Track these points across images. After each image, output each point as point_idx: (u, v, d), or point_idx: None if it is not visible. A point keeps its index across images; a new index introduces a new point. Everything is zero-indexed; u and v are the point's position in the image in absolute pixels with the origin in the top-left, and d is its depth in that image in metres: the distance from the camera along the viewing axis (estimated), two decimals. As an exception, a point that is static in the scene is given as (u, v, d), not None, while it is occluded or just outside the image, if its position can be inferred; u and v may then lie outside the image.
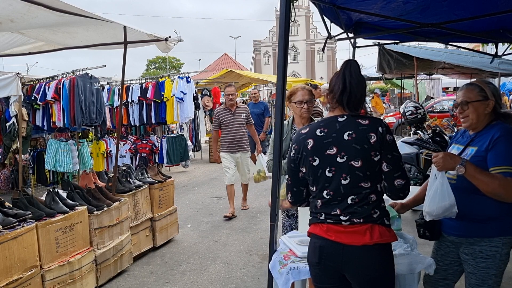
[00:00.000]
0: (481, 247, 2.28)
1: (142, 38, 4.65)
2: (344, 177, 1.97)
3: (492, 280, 2.28)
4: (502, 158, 2.18)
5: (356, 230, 1.95)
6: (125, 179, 4.85)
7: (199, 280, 4.21)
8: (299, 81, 16.00)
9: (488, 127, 2.32)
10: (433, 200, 2.19)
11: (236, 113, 6.45)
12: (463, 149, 2.38)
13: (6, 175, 6.81)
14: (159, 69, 49.75)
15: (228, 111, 6.45)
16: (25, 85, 6.27)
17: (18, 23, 3.90)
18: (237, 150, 6.46)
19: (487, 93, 2.32)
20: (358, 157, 1.95)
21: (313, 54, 61.30)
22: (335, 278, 2.04)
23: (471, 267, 2.32)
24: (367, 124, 1.98)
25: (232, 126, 6.42)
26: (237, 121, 6.44)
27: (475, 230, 2.29)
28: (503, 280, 3.91)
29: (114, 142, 7.31)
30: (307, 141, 2.06)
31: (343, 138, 1.98)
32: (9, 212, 3.31)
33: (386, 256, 1.99)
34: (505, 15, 3.71)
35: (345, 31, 4.31)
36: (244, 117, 6.51)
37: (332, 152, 1.99)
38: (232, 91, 6.52)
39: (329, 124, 2.05)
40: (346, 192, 1.98)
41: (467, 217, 2.29)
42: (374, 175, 1.98)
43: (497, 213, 2.25)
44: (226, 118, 6.42)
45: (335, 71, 2.30)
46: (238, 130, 6.45)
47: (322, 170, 2.02)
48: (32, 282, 3.27)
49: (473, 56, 8.39)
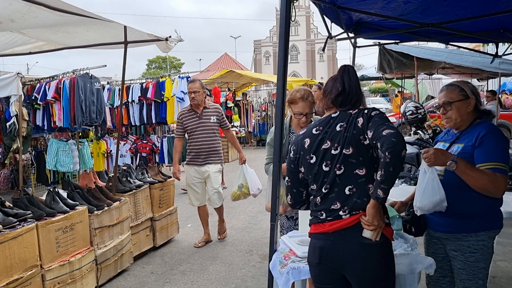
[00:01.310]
0: (469, 242, 2.33)
1: (142, 38, 4.65)
2: (339, 167, 1.99)
3: (482, 273, 2.34)
4: (490, 155, 2.24)
5: (355, 219, 1.95)
6: (125, 178, 4.85)
7: (199, 280, 4.21)
8: (299, 81, 16.02)
9: (473, 125, 2.39)
10: (424, 195, 2.22)
11: (204, 115, 5.07)
12: (449, 146, 2.44)
13: (6, 174, 6.82)
14: (159, 69, 49.76)
15: (193, 113, 5.07)
16: (25, 84, 6.27)
17: (19, 23, 3.90)
18: (203, 162, 5.07)
19: (467, 92, 2.40)
20: (349, 144, 1.97)
21: (313, 54, 61.27)
22: (335, 279, 2.04)
23: (461, 262, 2.36)
24: (356, 112, 2.03)
25: (198, 133, 5.03)
26: (204, 126, 5.04)
27: (462, 225, 2.35)
28: (503, 280, 3.91)
29: (114, 142, 7.32)
30: (304, 141, 2.13)
31: (335, 130, 2.03)
32: (10, 211, 3.31)
33: (386, 256, 1.99)
34: (505, 15, 3.72)
35: (345, 31, 4.32)
36: (215, 121, 5.11)
37: (326, 146, 2.04)
38: (196, 88, 5.00)
39: (324, 122, 2.12)
40: (342, 182, 1.99)
41: (454, 213, 2.33)
42: (368, 161, 1.97)
43: (483, 208, 2.31)
44: (191, 122, 5.06)
45: (336, 71, 2.32)
46: (206, 137, 5.03)
47: (319, 166, 2.05)
48: (32, 282, 3.27)
49: (474, 56, 8.39)
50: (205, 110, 5.09)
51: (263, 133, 16.30)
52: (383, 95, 32.69)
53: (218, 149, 5.15)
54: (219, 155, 5.18)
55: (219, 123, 5.17)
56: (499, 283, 3.85)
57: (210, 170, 5.06)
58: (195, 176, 5.11)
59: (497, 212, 2.39)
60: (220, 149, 5.20)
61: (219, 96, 13.29)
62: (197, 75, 17.34)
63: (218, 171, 5.17)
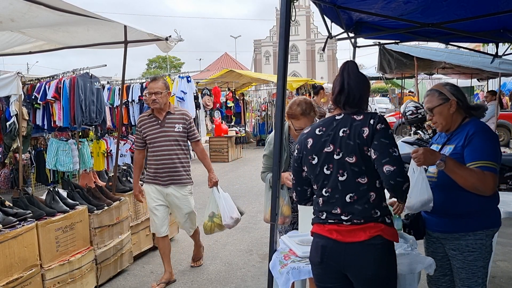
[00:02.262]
0: (467, 241, 2.35)
1: (142, 38, 4.66)
2: (341, 174, 1.99)
3: (481, 272, 2.36)
4: (479, 153, 2.26)
5: (358, 228, 1.96)
6: (125, 178, 4.85)
7: (199, 279, 4.21)
8: (299, 81, 16.01)
9: (462, 125, 2.41)
10: (413, 195, 2.25)
11: (167, 123, 4.02)
12: (441, 148, 2.47)
13: (5, 174, 6.81)
14: (159, 68, 49.77)
15: (154, 120, 4.04)
16: (25, 84, 6.26)
17: (19, 22, 3.90)
18: (167, 182, 4.03)
19: (446, 95, 2.42)
20: (352, 152, 1.97)
21: (313, 54, 61.28)
22: (337, 278, 2.04)
23: (460, 262, 2.39)
24: (360, 119, 2.00)
25: (158, 144, 4.00)
26: (167, 136, 3.99)
27: (459, 225, 2.37)
28: (503, 280, 3.91)
29: (114, 141, 7.31)
30: (307, 140, 2.12)
31: (338, 135, 2.01)
32: (10, 211, 3.31)
33: (388, 255, 1.99)
34: (505, 15, 3.71)
35: (345, 31, 4.31)
36: (181, 130, 4.04)
37: (329, 149, 2.03)
38: (158, 88, 3.94)
39: (327, 123, 2.10)
40: (344, 189, 1.99)
41: (450, 213, 2.37)
42: (371, 170, 1.97)
43: (478, 207, 2.33)
44: (151, 130, 4.02)
45: (336, 71, 2.33)
46: (169, 150, 3.99)
47: (320, 168, 2.05)
48: (32, 281, 3.27)
49: (474, 56, 8.39)
50: (168, 116, 4.02)
51: (263, 133, 16.31)
52: (383, 95, 32.77)
53: (183, 165, 4.06)
54: (186, 174, 4.10)
55: (186, 133, 4.08)
56: (499, 283, 3.85)
57: (176, 194, 4.06)
58: (156, 198, 4.07)
59: (493, 210, 2.41)
60: (188, 165, 4.12)
61: (219, 95, 13.29)
62: (197, 75, 17.37)
63: (188, 194, 4.15)
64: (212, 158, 12.63)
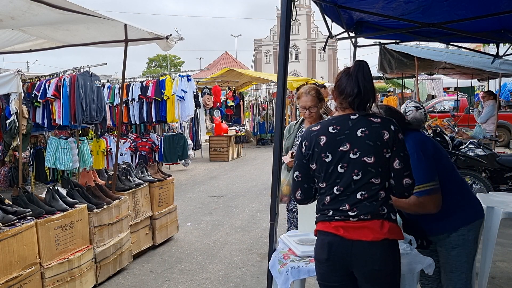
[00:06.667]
0: (450, 238, 2.50)
1: (142, 36, 4.65)
2: (356, 173, 2.00)
3: (464, 267, 2.49)
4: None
5: (365, 225, 1.97)
6: (125, 177, 4.85)
7: (198, 278, 4.21)
8: (300, 80, 16.00)
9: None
10: None
11: None
12: None
13: (5, 172, 6.81)
14: (159, 67, 49.74)
15: None
16: (25, 82, 6.26)
17: (19, 20, 3.89)
18: None
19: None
20: (371, 153, 1.98)
21: (314, 53, 61.23)
22: (343, 275, 2.04)
23: (444, 257, 2.54)
24: (379, 122, 2.03)
25: None
26: None
27: (442, 226, 2.51)
28: (502, 281, 3.91)
29: (114, 140, 7.32)
30: (319, 138, 2.08)
31: (356, 135, 2.01)
32: (9, 209, 3.31)
33: (394, 252, 2.01)
34: (506, 16, 3.72)
35: (346, 31, 4.32)
36: None
37: (345, 148, 2.02)
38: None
39: (342, 121, 2.08)
40: (357, 188, 2.00)
41: (430, 219, 2.48)
42: (385, 172, 2.01)
43: (454, 207, 2.46)
44: None
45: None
46: None
47: (334, 166, 2.04)
48: (31, 280, 3.27)
49: (474, 56, 8.38)
50: None
51: (263, 132, 16.30)
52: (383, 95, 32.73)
53: None
54: None
55: None
56: (498, 283, 3.85)
57: None
58: None
59: (469, 204, 2.53)
60: None
61: (219, 94, 13.29)
62: (198, 74, 17.37)
63: None
64: (212, 157, 12.65)
